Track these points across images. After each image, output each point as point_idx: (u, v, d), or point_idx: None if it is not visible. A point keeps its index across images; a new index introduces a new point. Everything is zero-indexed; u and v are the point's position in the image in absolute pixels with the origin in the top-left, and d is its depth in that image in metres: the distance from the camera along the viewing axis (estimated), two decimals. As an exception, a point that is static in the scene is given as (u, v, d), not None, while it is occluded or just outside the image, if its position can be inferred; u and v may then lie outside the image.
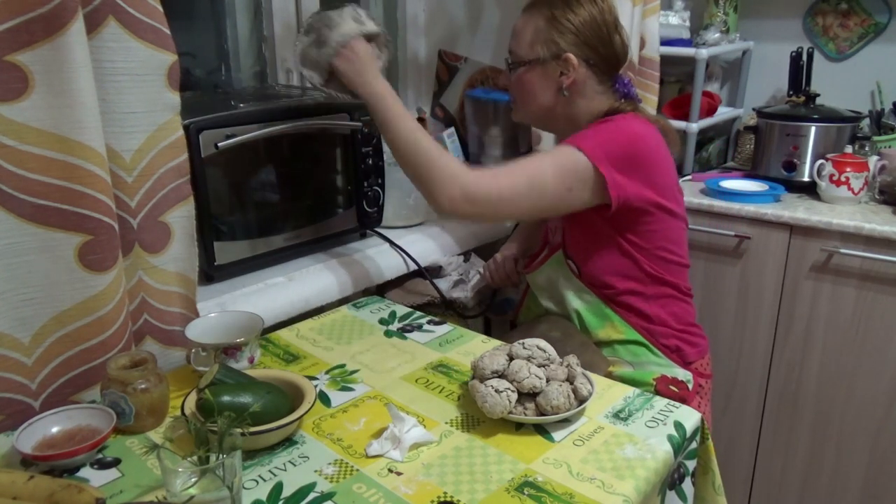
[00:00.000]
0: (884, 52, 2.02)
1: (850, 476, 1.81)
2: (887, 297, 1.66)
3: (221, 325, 1.14)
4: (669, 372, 1.30)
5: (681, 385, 1.29)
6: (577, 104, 1.30)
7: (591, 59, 1.27)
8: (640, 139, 1.24)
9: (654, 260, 1.29)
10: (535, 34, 1.27)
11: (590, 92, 1.30)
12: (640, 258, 1.28)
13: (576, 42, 1.25)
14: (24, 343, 0.97)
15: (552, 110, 1.32)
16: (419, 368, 1.15)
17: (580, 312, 1.34)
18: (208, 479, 0.78)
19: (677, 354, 1.33)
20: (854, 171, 1.77)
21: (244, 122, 1.28)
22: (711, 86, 2.20)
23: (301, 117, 1.38)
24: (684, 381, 1.30)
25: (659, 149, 1.27)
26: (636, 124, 1.25)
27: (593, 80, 1.29)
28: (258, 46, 1.92)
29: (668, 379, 1.29)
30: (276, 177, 1.40)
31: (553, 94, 1.30)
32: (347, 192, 1.51)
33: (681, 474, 1.00)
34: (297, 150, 1.41)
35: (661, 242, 1.29)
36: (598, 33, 1.26)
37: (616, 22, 1.29)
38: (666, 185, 1.28)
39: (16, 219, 0.92)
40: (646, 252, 1.29)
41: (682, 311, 1.35)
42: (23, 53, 0.88)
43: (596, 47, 1.26)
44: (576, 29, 1.25)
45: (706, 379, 1.38)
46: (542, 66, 1.28)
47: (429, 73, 2.38)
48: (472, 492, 0.85)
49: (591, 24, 1.25)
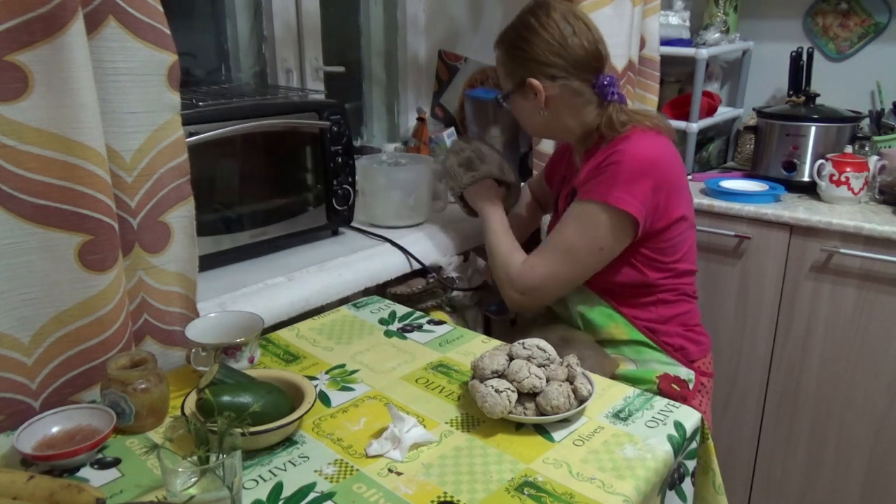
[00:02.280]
0: (884, 52, 2.02)
1: (850, 476, 1.81)
2: (887, 297, 1.66)
3: (221, 325, 1.14)
4: (672, 370, 1.31)
5: (682, 384, 1.30)
6: (565, 117, 1.33)
7: (554, 75, 1.29)
8: (657, 165, 1.23)
9: (665, 269, 1.30)
10: (503, 68, 1.37)
11: (572, 103, 1.31)
12: (651, 268, 1.29)
13: (533, 67, 1.29)
14: (24, 343, 0.97)
15: (548, 128, 1.38)
16: (419, 368, 1.15)
17: (584, 314, 1.34)
18: (208, 479, 0.78)
19: (681, 353, 1.34)
20: (854, 171, 1.77)
21: (208, 120, 1.29)
22: (711, 86, 2.20)
23: (268, 116, 1.39)
24: (686, 380, 1.31)
25: (675, 166, 1.28)
26: (647, 148, 1.25)
27: (568, 91, 1.30)
28: (258, 46, 1.92)
29: (670, 377, 1.30)
30: (243, 174, 1.41)
31: (538, 116, 1.34)
32: (317, 190, 1.52)
33: (681, 474, 1.00)
34: (265, 148, 1.43)
35: (674, 254, 1.30)
36: (552, 50, 1.28)
37: (574, 30, 1.28)
38: (683, 199, 1.29)
39: (16, 219, 0.92)
40: (657, 263, 1.29)
41: (688, 313, 1.36)
42: (23, 53, 0.88)
43: (553, 63, 1.28)
44: (529, 55, 1.29)
45: (708, 378, 1.38)
46: (517, 94, 1.35)
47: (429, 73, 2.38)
48: (472, 492, 0.85)
49: (541, 45, 1.28)
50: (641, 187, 1.21)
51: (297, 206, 1.50)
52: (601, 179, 1.24)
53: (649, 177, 1.22)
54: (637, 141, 1.25)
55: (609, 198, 1.22)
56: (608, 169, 1.24)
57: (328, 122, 1.48)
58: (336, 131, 1.50)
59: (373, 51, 2.30)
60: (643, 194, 1.21)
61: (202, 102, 1.33)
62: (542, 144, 1.93)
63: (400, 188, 1.64)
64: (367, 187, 1.64)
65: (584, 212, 1.26)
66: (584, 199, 1.26)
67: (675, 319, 1.34)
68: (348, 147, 1.54)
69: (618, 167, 1.22)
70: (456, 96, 2.31)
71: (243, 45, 1.91)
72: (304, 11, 1.91)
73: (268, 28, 1.88)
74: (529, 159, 2.02)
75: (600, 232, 1.24)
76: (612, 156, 1.24)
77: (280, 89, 1.74)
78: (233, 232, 1.39)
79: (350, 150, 1.54)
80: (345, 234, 1.62)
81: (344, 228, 1.63)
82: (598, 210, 1.23)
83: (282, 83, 1.91)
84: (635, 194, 1.21)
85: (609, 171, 1.23)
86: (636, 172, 1.21)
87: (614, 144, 1.26)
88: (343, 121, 1.51)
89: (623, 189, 1.21)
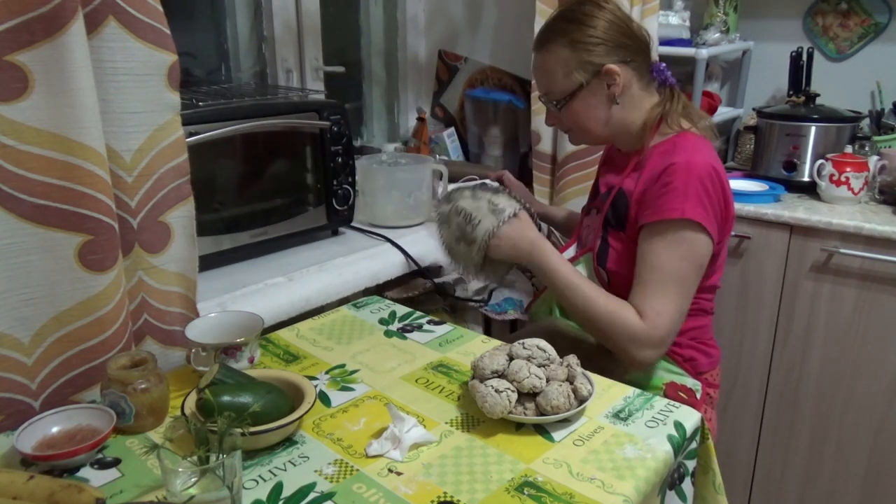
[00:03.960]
0: (884, 52, 2.02)
1: (850, 476, 1.81)
2: (887, 297, 1.66)
3: (221, 325, 1.14)
4: (680, 380, 1.30)
5: (689, 392, 1.29)
6: (633, 109, 1.28)
7: (626, 58, 1.25)
8: (717, 174, 1.19)
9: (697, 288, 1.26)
10: (565, 65, 1.26)
11: (637, 91, 1.28)
12: None
13: (607, 51, 1.24)
14: (24, 343, 0.97)
15: (616, 124, 1.29)
16: (419, 368, 1.15)
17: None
18: (208, 479, 0.78)
19: (690, 364, 1.32)
20: (854, 171, 1.77)
21: (208, 120, 1.29)
22: (711, 86, 2.20)
23: (268, 116, 1.39)
24: (693, 390, 1.30)
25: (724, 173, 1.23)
26: (705, 155, 1.20)
27: (635, 77, 1.27)
28: (258, 46, 1.92)
29: (677, 386, 1.29)
30: (243, 175, 1.41)
31: (607, 109, 1.27)
32: (317, 190, 1.52)
33: (681, 474, 1.00)
34: (265, 148, 1.43)
35: (712, 272, 1.27)
36: (620, 30, 1.25)
37: (627, 13, 1.29)
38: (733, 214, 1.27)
39: (16, 219, 0.92)
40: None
41: (702, 327, 1.34)
42: (23, 53, 0.88)
43: (625, 44, 1.25)
44: (600, 39, 1.24)
45: (715, 389, 1.37)
46: (588, 88, 1.26)
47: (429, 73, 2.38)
48: (472, 492, 0.85)
49: (610, 27, 1.24)
50: (713, 204, 1.18)
51: (297, 206, 1.50)
52: (676, 195, 1.17)
53: (716, 191, 1.19)
54: (693, 149, 1.21)
55: (695, 214, 1.16)
56: (683, 183, 1.17)
57: (328, 122, 1.48)
58: (336, 131, 1.50)
59: (373, 51, 2.30)
60: (715, 210, 1.19)
61: (202, 102, 1.34)
62: (541, 144, 1.93)
63: (399, 188, 1.64)
64: (366, 187, 1.64)
65: (679, 238, 1.18)
66: (667, 217, 1.17)
67: (689, 333, 1.31)
68: (348, 147, 1.54)
69: (693, 181, 1.17)
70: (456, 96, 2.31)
71: (243, 45, 1.91)
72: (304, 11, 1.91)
73: (268, 28, 1.88)
74: (529, 159, 2.02)
75: (700, 249, 1.19)
76: (679, 169, 1.18)
77: (280, 89, 1.74)
78: (233, 232, 1.39)
79: (350, 150, 1.55)
80: (345, 234, 1.62)
81: (344, 228, 1.63)
82: (688, 233, 1.17)
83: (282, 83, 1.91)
84: (709, 212, 1.18)
85: (684, 186, 1.17)
86: (703, 183, 1.17)
87: (671, 152, 1.21)
88: (343, 121, 1.51)
89: (702, 209, 1.17)
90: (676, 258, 1.18)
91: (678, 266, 1.18)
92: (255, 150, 1.42)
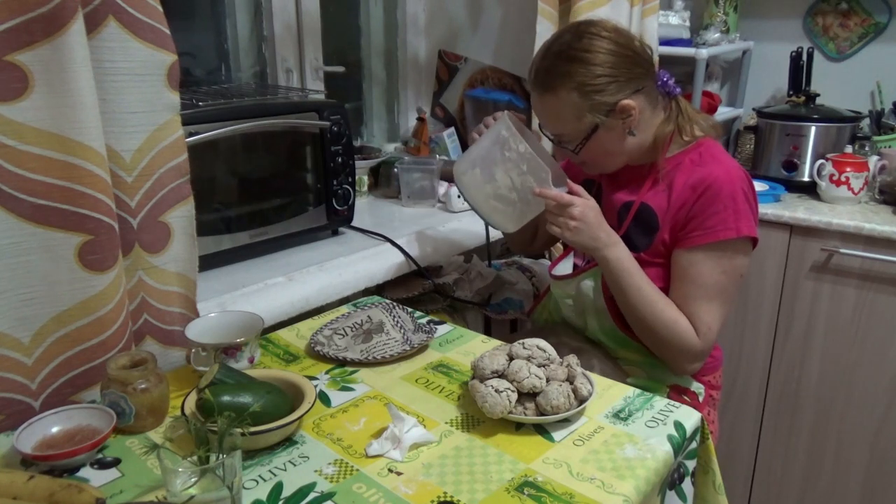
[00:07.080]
0: (884, 52, 2.02)
1: (850, 476, 1.81)
2: (887, 297, 1.66)
3: (221, 325, 1.14)
4: (683, 383, 1.30)
5: (692, 395, 1.30)
6: (644, 130, 1.23)
7: (638, 87, 1.19)
8: (749, 179, 1.21)
9: None
10: (576, 109, 1.18)
11: (649, 114, 1.23)
12: None
13: (618, 87, 1.17)
14: (24, 343, 0.97)
15: (634, 150, 1.25)
16: (419, 368, 1.15)
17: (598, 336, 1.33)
18: (208, 479, 0.78)
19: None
20: (854, 171, 1.77)
21: (208, 120, 1.29)
22: (711, 86, 2.20)
23: (268, 116, 1.39)
24: (696, 392, 1.31)
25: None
26: (732, 161, 1.22)
27: (647, 102, 1.22)
28: (258, 46, 1.92)
29: (680, 388, 1.29)
30: (243, 174, 1.41)
31: (624, 141, 1.22)
32: (317, 190, 1.52)
33: (681, 474, 1.00)
34: (265, 148, 1.43)
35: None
36: (626, 59, 1.18)
37: (626, 33, 1.22)
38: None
39: (16, 219, 0.92)
40: None
41: None
42: (23, 53, 0.88)
43: (630, 70, 1.18)
44: (609, 77, 1.16)
45: (717, 391, 1.37)
46: (603, 127, 1.20)
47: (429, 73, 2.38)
48: (472, 492, 0.85)
49: (615, 59, 1.17)
50: (752, 213, 1.20)
51: (296, 206, 1.50)
52: (727, 213, 1.17)
53: (753, 198, 1.21)
54: (723, 159, 1.22)
55: (743, 227, 1.17)
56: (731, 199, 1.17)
57: (328, 122, 1.48)
58: (336, 131, 1.50)
59: (373, 51, 2.30)
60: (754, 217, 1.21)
61: (202, 102, 1.34)
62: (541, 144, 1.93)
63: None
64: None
65: (728, 252, 1.19)
66: (722, 238, 1.17)
67: None
68: (348, 147, 1.54)
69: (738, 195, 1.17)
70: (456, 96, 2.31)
71: (243, 45, 1.91)
72: (304, 11, 1.91)
73: (268, 28, 1.88)
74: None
75: (746, 261, 1.22)
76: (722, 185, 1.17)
77: (280, 89, 1.74)
78: (233, 232, 1.39)
79: (350, 150, 1.55)
80: (345, 234, 1.62)
81: (344, 228, 1.63)
82: (732, 244, 1.18)
83: (282, 83, 1.91)
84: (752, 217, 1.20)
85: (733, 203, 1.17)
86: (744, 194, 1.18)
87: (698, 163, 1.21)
88: (343, 121, 1.51)
89: (745, 220, 1.18)
90: (722, 273, 1.20)
91: (726, 281, 1.20)
92: (255, 150, 1.42)
